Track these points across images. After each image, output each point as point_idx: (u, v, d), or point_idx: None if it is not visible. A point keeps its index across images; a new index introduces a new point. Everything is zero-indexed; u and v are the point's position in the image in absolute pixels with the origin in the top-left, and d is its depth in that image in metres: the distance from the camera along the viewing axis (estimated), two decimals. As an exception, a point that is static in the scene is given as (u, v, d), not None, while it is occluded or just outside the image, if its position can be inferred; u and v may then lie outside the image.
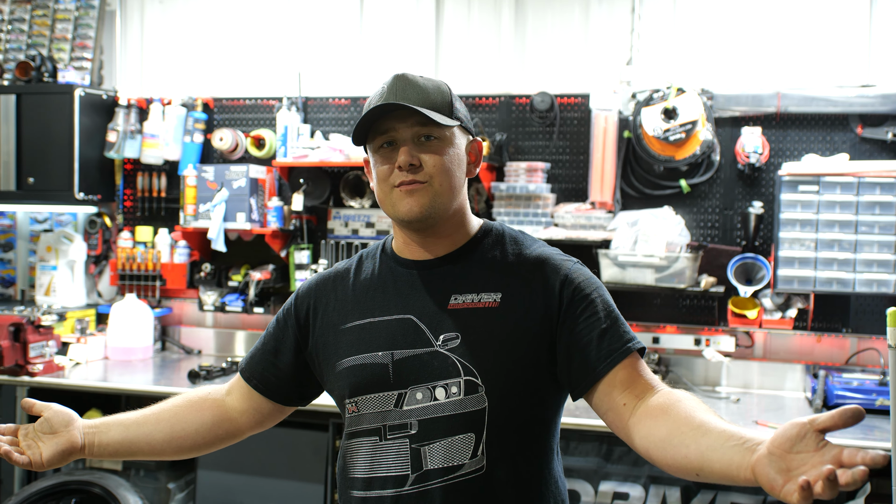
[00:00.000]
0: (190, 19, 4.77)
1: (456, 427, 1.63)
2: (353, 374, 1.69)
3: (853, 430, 3.07)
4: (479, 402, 1.63)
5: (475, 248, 1.74)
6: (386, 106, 1.60)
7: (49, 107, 4.41)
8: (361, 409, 1.68)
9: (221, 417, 1.85)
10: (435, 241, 1.72)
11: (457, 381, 1.65)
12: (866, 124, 3.82)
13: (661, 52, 4.12)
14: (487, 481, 1.63)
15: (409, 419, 1.65)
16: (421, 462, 1.63)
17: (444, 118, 1.64)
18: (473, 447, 1.63)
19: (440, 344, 1.67)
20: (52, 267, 4.61)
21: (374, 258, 1.81)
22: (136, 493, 3.82)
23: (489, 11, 4.35)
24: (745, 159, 3.87)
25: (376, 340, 1.69)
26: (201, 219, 4.39)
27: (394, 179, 1.64)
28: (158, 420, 1.80)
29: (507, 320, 1.66)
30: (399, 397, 1.66)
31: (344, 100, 4.50)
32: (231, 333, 4.69)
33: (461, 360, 1.65)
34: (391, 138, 1.65)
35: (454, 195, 1.69)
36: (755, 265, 3.84)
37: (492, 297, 1.69)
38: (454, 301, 1.69)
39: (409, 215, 1.64)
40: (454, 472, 1.63)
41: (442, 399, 1.65)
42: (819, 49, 3.94)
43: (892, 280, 3.59)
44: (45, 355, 4.03)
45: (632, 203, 4.02)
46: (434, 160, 1.64)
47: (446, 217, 1.69)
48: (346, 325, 1.74)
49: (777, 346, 4.01)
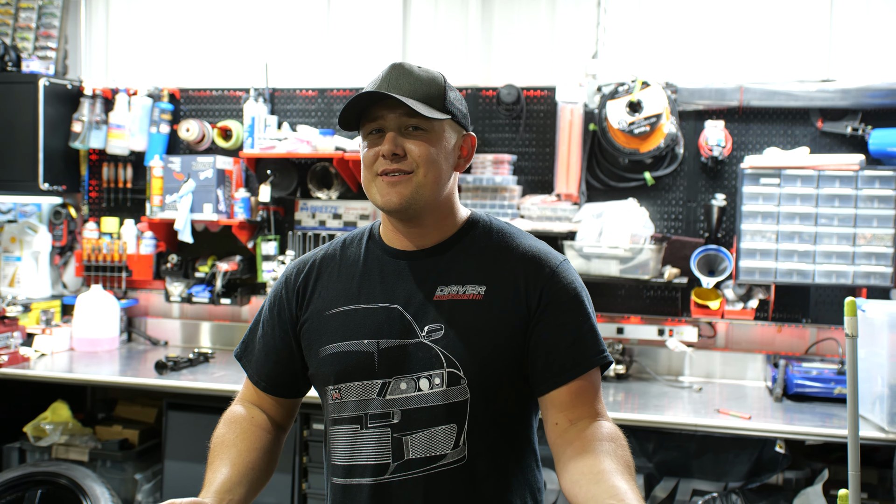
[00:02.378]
0: (156, 9, 4.76)
1: (438, 418, 1.64)
2: (338, 361, 1.69)
3: (811, 418, 3.36)
4: (461, 393, 1.64)
5: (462, 240, 1.74)
6: (374, 94, 1.61)
7: (13, 96, 4.40)
8: (345, 397, 1.68)
9: (274, 427, 1.84)
10: (421, 231, 1.71)
11: (440, 373, 1.65)
12: (826, 118, 3.87)
13: (627, 46, 4.15)
14: (468, 472, 1.65)
15: (391, 408, 1.66)
16: (402, 451, 1.64)
17: (432, 111, 1.63)
18: (455, 438, 1.64)
19: (424, 335, 1.67)
20: (17, 258, 4.62)
21: (359, 244, 1.80)
22: (104, 485, 3.91)
23: (456, 4, 4.36)
24: (708, 152, 3.92)
25: (362, 328, 1.69)
26: (168, 210, 4.39)
27: (377, 167, 1.65)
28: (253, 461, 1.75)
29: (490, 313, 1.67)
30: (383, 386, 1.67)
31: (311, 91, 4.51)
32: (197, 325, 4.71)
33: (444, 352, 1.65)
34: (380, 125, 1.65)
35: (438, 187, 1.68)
36: (718, 257, 3.88)
37: (476, 290, 1.69)
38: (440, 292, 1.69)
39: (388, 205, 1.64)
40: (435, 462, 1.64)
41: (425, 390, 1.66)
42: (781, 44, 4.00)
43: (850, 271, 3.67)
44: (10, 346, 4.03)
45: (597, 195, 4.06)
46: (420, 150, 1.64)
47: (430, 209, 1.69)
48: (332, 310, 1.73)
49: (739, 336, 4.05)
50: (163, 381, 3.85)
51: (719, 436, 3.40)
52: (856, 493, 2.28)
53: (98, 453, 4.06)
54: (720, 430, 3.30)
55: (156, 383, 3.86)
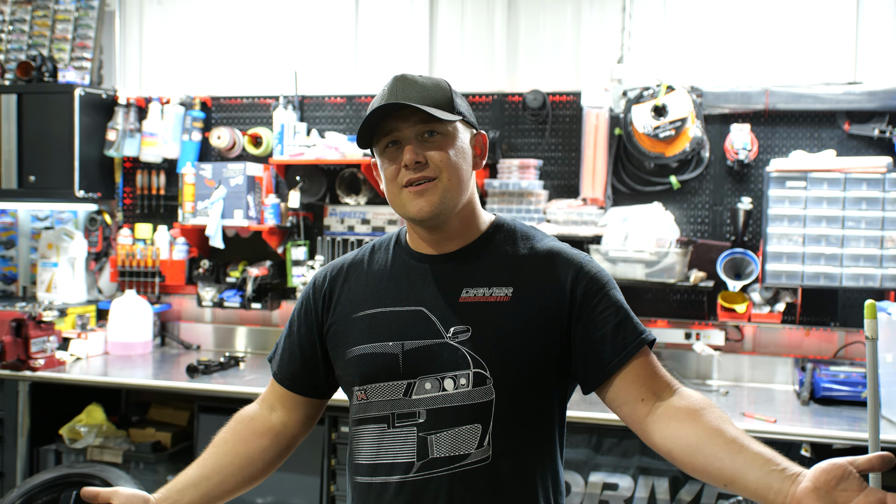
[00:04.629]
0: (188, 19, 4.80)
1: (463, 417, 1.65)
2: (364, 363, 1.70)
3: (838, 421, 3.32)
4: (486, 394, 1.65)
5: (487, 244, 1.75)
6: (387, 106, 1.61)
7: (49, 106, 4.46)
8: (370, 398, 1.70)
9: (276, 435, 1.85)
10: (446, 236, 1.73)
11: (465, 373, 1.66)
12: (853, 121, 3.85)
13: (652, 51, 4.15)
14: (492, 472, 1.65)
15: (417, 408, 1.67)
16: (427, 450, 1.65)
17: (445, 113, 1.64)
18: (480, 438, 1.65)
19: (450, 336, 1.68)
20: (54, 264, 4.66)
21: (387, 249, 1.81)
22: (137, 486, 3.70)
23: (482, 11, 4.38)
24: (734, 156, 3.90)
25: (387, 330, 1.70)
26: (199, 216, 4.42)
27: (401, 179, 1.65)
28: (223, 467, 1.80)
29: (518, 315, 1.67)
30: (408, 387, 1.68)
31: (340, 98, 4.53)
32: (229, 329, 4.74)
33: (471, 353, 1.66)
34: (395, 138, 1.66)
35: (462, 189, 1.69)
36: (744, 260, 3.86)
37: (503, 292, 1.70)
38: (465, 294, 1.70)
39: (420, 215, 1.65)
40: (460, 461, 1.65)
41: (450, 390, 1.67)
42: (806, 47, 3.98)
43: (878, 274, 3.62)
44: (47, 350, 4.08)
45: (622, 199, 4.05)
46: (440, 156, 1.65)
47: (456, 212, 1.70)
48: (358, 313, 1.74)
49: (766, 339, 4.03)
50: (194, 385, 3.87)
51: None
52: None
53: (131, 455, 4.08)
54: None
55: (188, 387, 3.88)
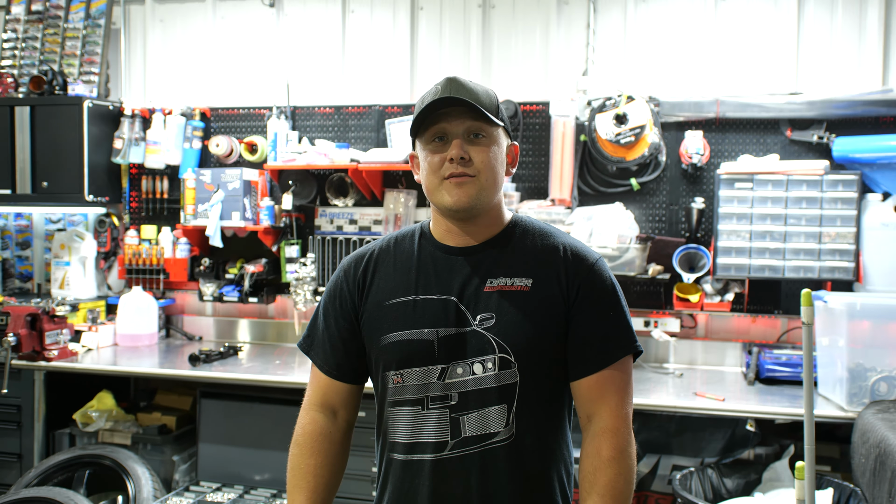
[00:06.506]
0: (188, 36, 4.80)
1: (491, 399, 1.67)
2: (401, 349, 1.70)
3: (780, 399, 3.36)
4: (511, 376, 1.67)
5: (509, 238, 1.76)
6: (448, 99, 1.63)
7: (60, 117, 4.42)
8: (406, 381, 1.70)
9: (347, 434, 1.83)
10: (475, 229, 1.73)
11: (492, 358, 1.67)
12: (795, 128, 3.88)
13: (613, 65, 4.16)
14: (517, 448, 1.68)
15: (449, 391, 1.68)
16: (460, 429, 1.67)
17: (494, 118, 1.66)
18: (506, 417, 1.67)
19: (477, 323, 1.68)
20: (66, 262, 4.61)
21: (411, 240, 1.81)
22: (144, 465, 3.88)
23: (459, 29, 4.39)
24: (688, 160, 3.93)
25: (422, 318, 1.70)
26: (200, 218, 4.40)
27: (444, 171, 1.66)
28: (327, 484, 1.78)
29: (537, 303, 1.69)
30: (442, 371, 1.69)
31: (328, 108, 4.50)
32: (229, 321, 4.71)
33: (497, 339, 1.67)
34: (444, 132, 1.67)
35: (496, 190, 1.71)
36: (697, 254, 3.90)
37: (524, 282, 1.70)
38: (490, 284, 1.70)
39: (458, 205, 1.66)
40: (489, 439, 1.67)
41: (479, 373, 1.67)
42: (753, 60, 4.01)
43: (816, 266, 3.69)
44: (60, 342, 4.06)
45: (587, 199, 4.07)
46: (482, 156, 1.66)
47: (487, 209, 1.71)
48: (391, 301, 1.74)
49: (717, 326, 4.06)
50: (196, 373, 3.87)
51: (697, 416, 3.45)
52: (811, 464, 2.30)
53: (139, 437, 4.08)
54: (697, 411, 3.34)
55: (190, 374, 3.87)
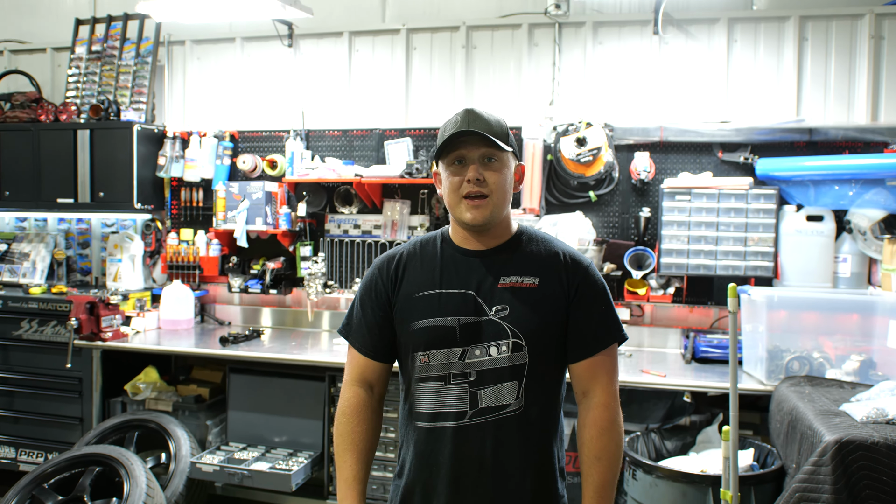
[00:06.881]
0: (221, 71, 5.07)
1: (504, 376, 1.75)
2: (428, 333, 1.79)
3: (712, 375, 3.59)
4: (522, 358, 1.76)
5: (517, 244, 1.86)
6: (466, 131, 1.74)
7: (114, 139, 4.67)
8: (432, 360, 1.78)
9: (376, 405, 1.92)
10: (488, 238, 1.84)
11: (506, 342, 1.75)
12: (725, 150, 4.14)
13: (575, 96, 4.42)
14: (525, 417, 1.78)
15: (469, 369, 1.75)
16: (477, 401, 1.75)
17: (505, 146, 1.78)
18: (516, 391, 1.76)
19: (493, 313, 1.76)
20: (118, 260, 4.84)
21: (434, 244, 1.89)
22: (183, 428, 4.16)
23: (446, 66, 4.66)
24: (637, 176, 4.19)
25: (446, 308, 1.78)
26: (229, 222, 4.64)
27: (462, 190, 1.76)
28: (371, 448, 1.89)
29: (543, 298, 1.79)
30: (462, 353, 1.76)
31: (337, 131, 4.72)
32: (253, 309, 4.92)
33: (510, 327, 1.76)
34: (462, 157, 1.77)
35: (505, 205, 1.82)
36: (644, 255, 4.14)
37: (531, 280, 1.80)
38: (503, 281, 1.79)
39: (474, 222, 1.77)
40: (502, 410, 1.76)
41: (495, 355, 1.75)
42: (691, 93, 4.28)
43: (742, 265, 3.95)
44: (114, 326, 4.35)
45: (553, 209, 4.29)
46: (494, 178, 1.76)
47: (498, 222, 1.82)
48: (419, 294, 1.83)
49: (660, 315, 4.29)
50: (226, 352, 4.08)
51: (642, 389, 3.59)
52: (735, 428, 2.51)
53: (179, 405, 4.30)
54: (643, 385, 3.53)
55: (221, 353, 4.09)
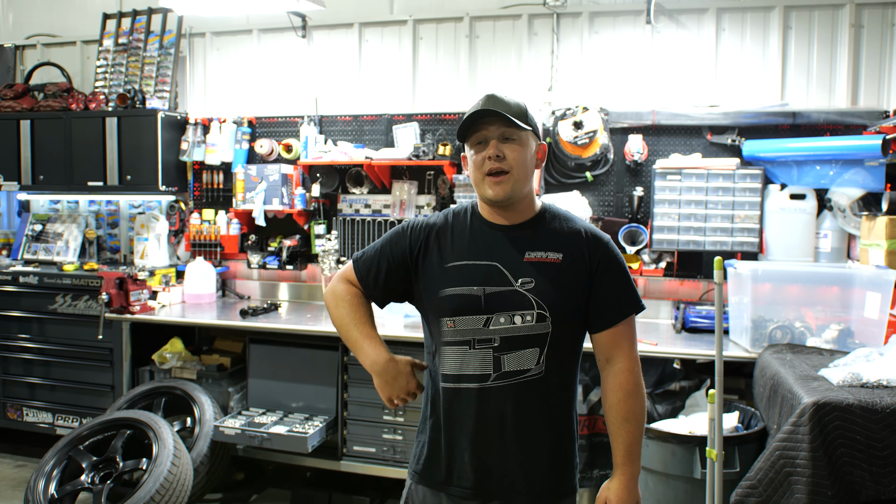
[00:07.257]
0: (239, 61, 5.21)
1: (527, 343, 1.81)
2: (455, 300, 1.85)
3: (700, 344, 3.70)
4: (545, 327, 1.81)
5: (541, 220, 1.92)
6: (484, 111, 1.83)
7: (140, 125, 4.82)
8: (458, 326, 1.84)
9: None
10: (512, 213, 1.89)
11: (531, 312, 1.80)
12: (714, 133, 4.24)
13: (572, 82, 4.55)
14: (545, 382, 1.84)
15: (493, 335, 1.80)
16: (500, 365, 1.80)
17: (521, 123, 1.83)
18: (537, 357, 1.82)
19: (519, 285, 1.81)
20: (145, 238, 5.01)
21: (464, 217, 1.94)
22: (207, 395, 4.31)
23: (451, 55, 4.78)
24: (630, 157, 4.30)
25: (473, 278, 1.84)
26: (248, 203, 4.76)
27: (485, 168, 1.83)
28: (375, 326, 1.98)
29: (566, 272, 1.85)
30: (487, 320, 1.82)
31: (348, 117, 4.84)
32: (271, 284, 5.03)
33: (535, 298, 1.82)
34: (484, 137, 1.83)
35: (526, 181, 1.86)
36: (638, 231, 4.26)
37: (556, 255, 1.86)
38: (528, 255, 1.85)
39: (496, 198, 1.84)
40: (523, 374, 1.82)
41: (518, 323, 1.81)
42: (681, 79, 4.40)
43: (729, 241, 4.08)
44: (141, 300, 4.53)
45: (552, 189, 4.41)
46: (513, 154, 1.82)
47: (520, 198, 1.87)
48: (449, 264, 1.88)
49: (653, 288, 4.41)
50: (246, 323, 4.21)
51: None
52: (720, 392, 2.60)
53: (202, 373, 4.43)
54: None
55: (241, 325, 4.22)
